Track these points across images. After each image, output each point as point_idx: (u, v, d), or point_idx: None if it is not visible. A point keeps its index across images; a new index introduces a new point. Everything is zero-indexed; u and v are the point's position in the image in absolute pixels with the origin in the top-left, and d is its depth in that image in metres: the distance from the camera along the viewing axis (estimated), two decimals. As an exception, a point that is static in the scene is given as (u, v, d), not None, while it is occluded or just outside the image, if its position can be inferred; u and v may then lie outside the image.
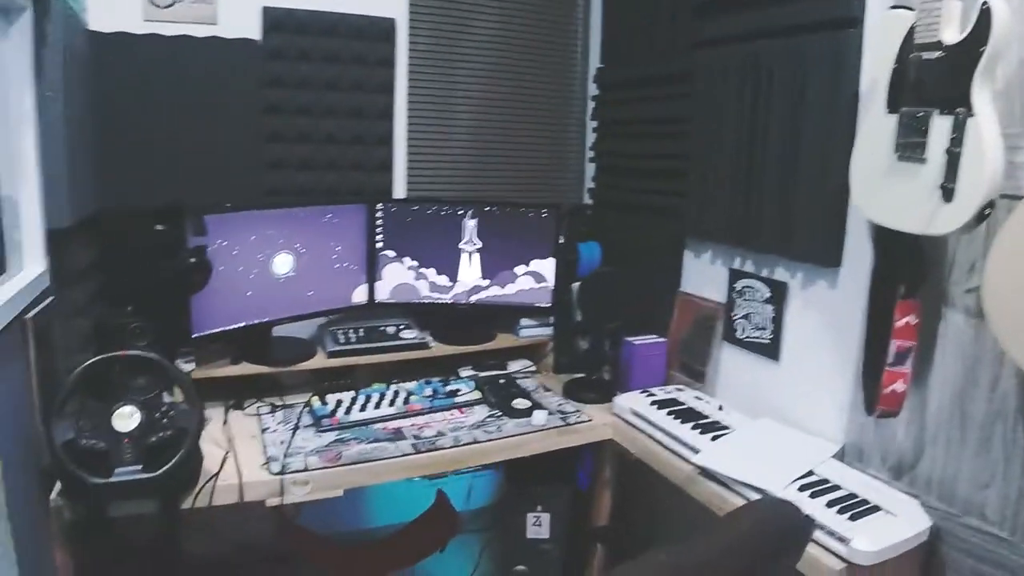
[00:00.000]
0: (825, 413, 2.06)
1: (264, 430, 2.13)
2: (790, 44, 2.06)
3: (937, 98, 1.55)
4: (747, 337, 2.29)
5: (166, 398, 1.80)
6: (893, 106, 1.65)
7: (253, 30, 2.46)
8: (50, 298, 1.83)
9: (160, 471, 1.67)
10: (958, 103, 1.51)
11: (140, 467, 1.66)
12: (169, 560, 1.97)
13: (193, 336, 2.14)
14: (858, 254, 1.95)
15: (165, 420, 1.73)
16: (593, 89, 3.04)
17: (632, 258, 2.61)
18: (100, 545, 1.88)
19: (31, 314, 1.68)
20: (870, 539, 1.61)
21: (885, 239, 1.83)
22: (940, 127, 1.54)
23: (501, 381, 2.50)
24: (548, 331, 2.70)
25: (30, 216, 1.79)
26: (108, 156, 2.29)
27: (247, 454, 1.98)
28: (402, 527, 2.68)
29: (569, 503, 2.53)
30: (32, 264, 1.81)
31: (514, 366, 2.69)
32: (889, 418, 1.84)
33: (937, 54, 1.55)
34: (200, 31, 2.38)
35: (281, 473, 1.89)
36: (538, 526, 2.50)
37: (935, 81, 1.56)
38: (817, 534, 1.65)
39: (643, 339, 2.48)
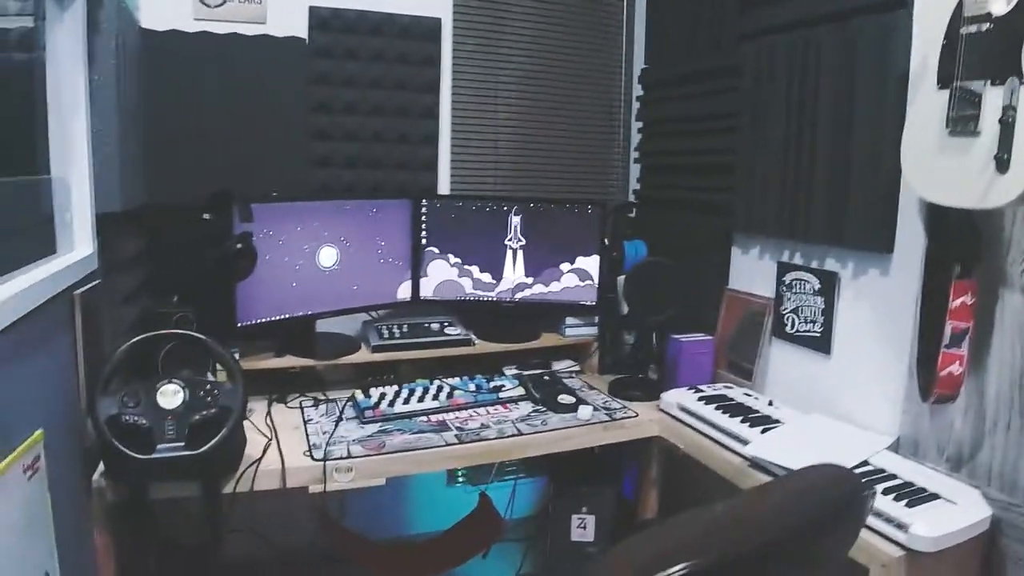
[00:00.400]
0: (878, 406, 2.00)
1: (307, 421, 2.13)
2: (838, 29, 2.04)
3: (988, 69, 1.52)
4: (797, 331, 2.24)
5: (210, 378, 1.82)
6: (944, 81, 1.62)
7: (300, 29, 2.51)
8: (97, 280, 1.86)
9: (203, 448, 1.67)
10: (1010, 72, 1.48)
11: (183, 444, 1.66)
12: (210, 548, 1.96)
13: (238, 325, 2.16)
14: (911, 239, 1.90)
15: (209, 399, 1.73)
16: (638, 90, 3.05)
17: (679, 257, 2.56)
18: (140, 528, 1.88)
19: (79, 291, 1.71)
20: (930, 525, 1.54)
21: (939, 218, 1.80)
22: (992, 98, 1.51)
23: (546, 378, 2.47)
24: (593, 331, 2.67)
25: (80, 198, 1.83)
26: (157, 152, 2.35)
27: (290, 443, 1.98)
28: (446, 531, 2.65)
29: (614, 505, 2.48)
30: (81, 245, 1.83)
31: (558, 366, 2.66)
32: (946, 403, 1.78)
33: (987, 26, 1.53)
34: (249, 30, 2.44)
35: (324, 460, 1.89)
36: (583, 528, 2.45)
37: (986, 53, 1.53)
38: (873, 521, 1.59)
39: (690, 337, 2.44)
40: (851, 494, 1.19)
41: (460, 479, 2.93)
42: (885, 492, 1.67)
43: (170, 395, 1.71)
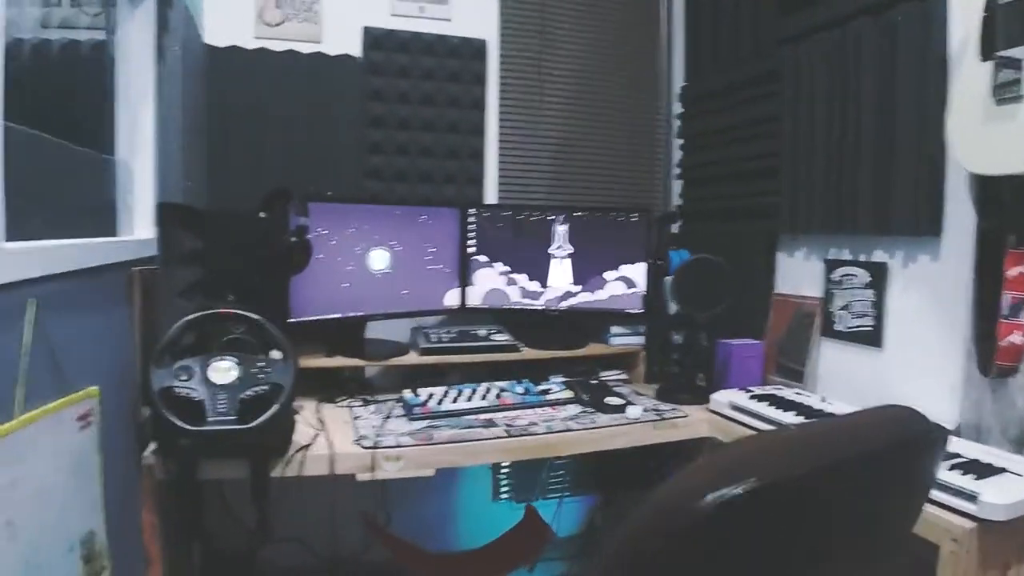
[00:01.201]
0: (936, 394, 1.95)
1: (356, 418, 2.13)
2: (877, 21, 2.08)
3: (1029, 34, 1.55)
4: (847, 328, 2.21)
5: (263, 356, 1.84)
6: (986, 53, 1.65)
7: (355, 48, 2.63)
8: (156, 266, 1.91)
9: (255, 423, 1.67)
10: (1050, 33, 1.51)
11: (234, 418, 1.66)
12: (257, 538, 1.94)
13: (290, 321, 2.19)
14: (959, 221, 1.90)
15: (261, 376, 1.74)
16: (678, 107, 3.11)
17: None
18: (188, 509, 1.87)
19: (138, 269, 1.76)
20: (1000, 494, 1.49)
21: (989, 191, 1.79)
22: None
23: (593, 382, 2.45)
24: (639, 340, 2.65)
25: (143, 184, 1.89)
26: (216, 162, 2.45)
27: (339, 434, 1.98)
28: (493, 540, 2.60)
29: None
30: (142, 230, 1.90)
31: (605, 375, 2.64)
32: (1008, 376, 1.74)
33: (1024, -7, 1.56)
34: (305, 48, 2.56)
35: (373, 448, 1.88)
36: (632, 538, 2.37)
37: None
38: (942, 496, 1.54)
39: (739, 341, 2.42)
40: (922, 431, 1.14)
41: (504, 494, 2.88)
42: (951, 468, 1.62)
43: (223, 371, 1.72)
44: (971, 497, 1.49)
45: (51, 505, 1.23)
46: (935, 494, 1.55)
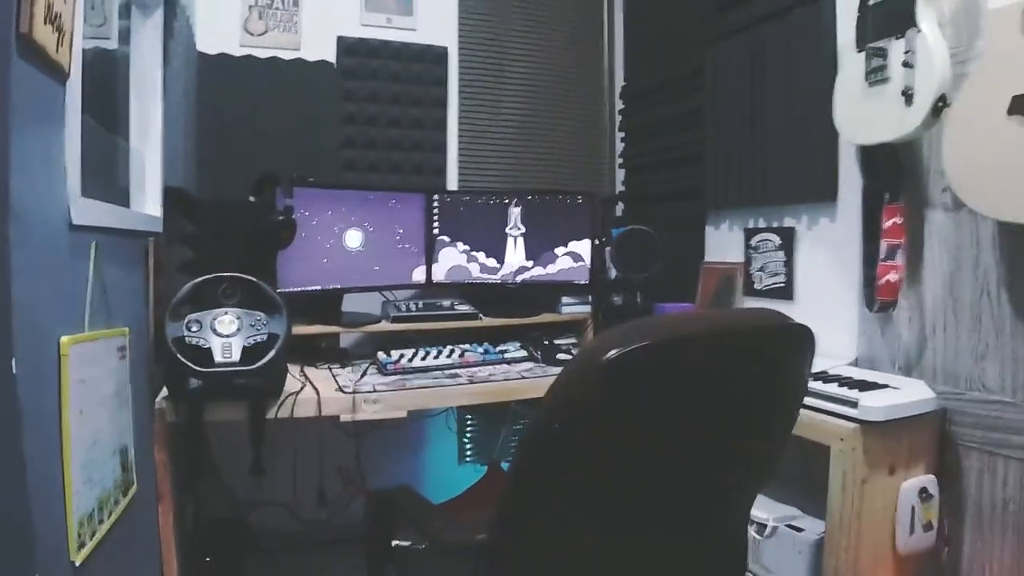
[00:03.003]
0: (839, 337, 2.29)
1: (336, 375, 2.40)
2: (781, 24, 2.45)
3: (891, 28, 1.93)
4: (764, 286, 2.55)
5: (259, 312, 2.11)
6: (861, 45, 2.01)
7: (330, 54, 2.95)
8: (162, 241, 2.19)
9: (257, 364, 1.95)
10: (907, 26, 1.87)
11: (237, 361, 1.94)
12: (254, 471, 2.17)
13: (278, 291, 2.45)
14: (850, 189, 2.25)
15: (259, 327, 2.02)
16: (620, 104, 3.48)
17: (661, 240, 2.91)
18: (194, 449, 2.12)
19: (151, 239, 2.03)
20: (877, 400, 1.83)
21: (869, 158, 2.15)
22: (896, 48, 1.91)
23: (545, 342, 2.73)
24: (586, 308, 2.96)
25: (152, 169, 2.17)
26: (206, 156, 2.72)
27: (323, 385, 2.23)
28: (459, 494, 2.87)
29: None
30: (151, 208, 2.17)
31: (557, 341, 2.92)
32: (888, 309, 2.08)
33: (888, -4, 1.94)
34: (287, 55, 2.87)
35: (354, 392, 2.15)
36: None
37: (887, 16, 1.94)
38: (828, 405, 1.88)
39: (673, 304, 2.74)
40: (781, 323, 1.42)
41: (469, 457, 3.17)
42: (840, 385, 1.95)
43: (227, 323, 1.99)
44: (852, 403, 1.83)
45: (104, 411, 1.51)
46: (824, 404, 1.89)
